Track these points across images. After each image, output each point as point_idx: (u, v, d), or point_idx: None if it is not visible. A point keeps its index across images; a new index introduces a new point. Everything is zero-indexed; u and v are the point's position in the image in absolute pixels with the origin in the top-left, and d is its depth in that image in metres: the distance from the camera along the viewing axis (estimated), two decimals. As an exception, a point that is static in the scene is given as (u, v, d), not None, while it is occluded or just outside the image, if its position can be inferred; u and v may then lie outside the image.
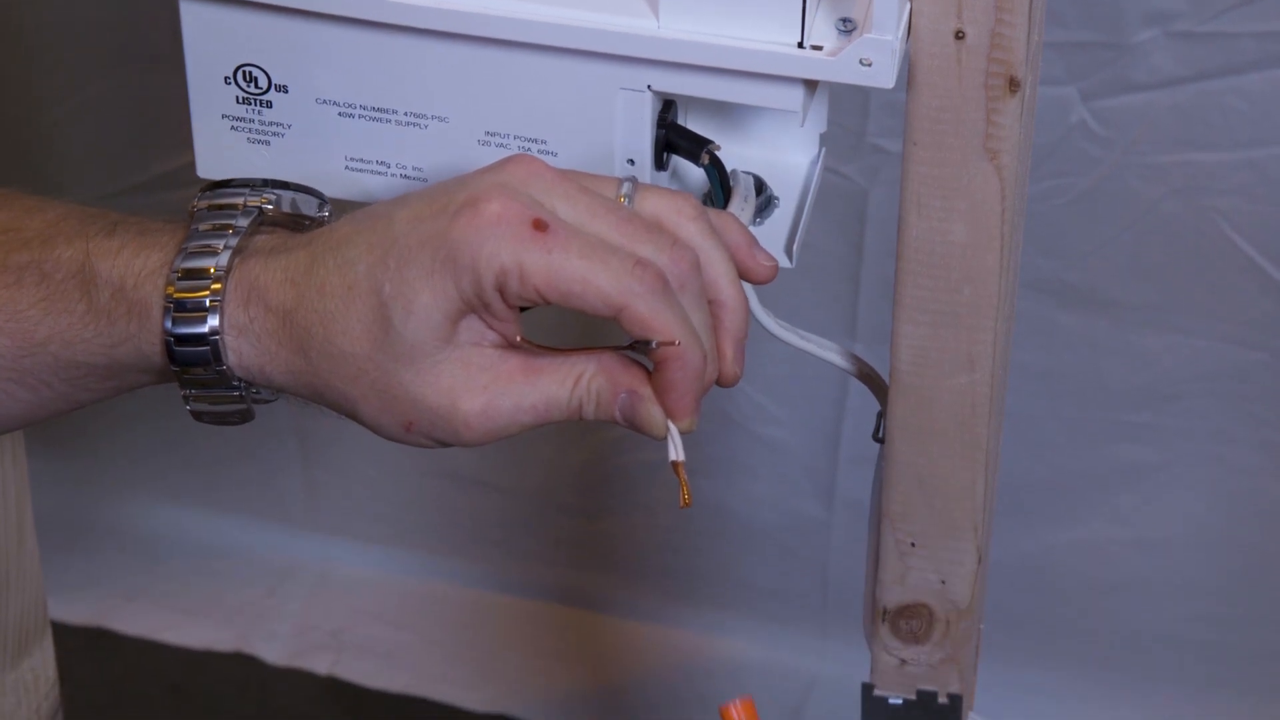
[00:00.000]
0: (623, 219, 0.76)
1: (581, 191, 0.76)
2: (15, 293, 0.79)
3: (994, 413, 0.86)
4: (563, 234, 0.74)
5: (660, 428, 0.76)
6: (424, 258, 0.74)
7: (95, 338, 0.79)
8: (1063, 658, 1.71)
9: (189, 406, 0.80)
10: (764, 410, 1.66)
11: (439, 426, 0.76)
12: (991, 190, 0.80)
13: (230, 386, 0.79)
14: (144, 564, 1.88)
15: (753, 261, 0.80)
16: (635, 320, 0.74)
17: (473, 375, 0.76)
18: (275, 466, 1.85)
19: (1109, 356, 1.57)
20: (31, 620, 1.14)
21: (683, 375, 0.75)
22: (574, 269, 0.74)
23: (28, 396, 0.81)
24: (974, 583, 0.90)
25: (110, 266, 0.79)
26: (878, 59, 0.77)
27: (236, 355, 0.78)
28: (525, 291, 0.74)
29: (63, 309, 0.79)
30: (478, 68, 0.82)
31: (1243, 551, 1.63)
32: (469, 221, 0.74)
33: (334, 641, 1.82)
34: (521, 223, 0.74)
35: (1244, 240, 1.49)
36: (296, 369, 0.77)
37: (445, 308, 0.74)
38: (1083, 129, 1.46)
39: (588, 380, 0.76)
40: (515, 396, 0.76)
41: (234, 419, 0.81)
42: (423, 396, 0.76)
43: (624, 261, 0.74)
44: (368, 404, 0.77)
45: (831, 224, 1.55)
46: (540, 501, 1.80)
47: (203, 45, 0.84)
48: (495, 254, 0.73)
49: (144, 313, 0.78)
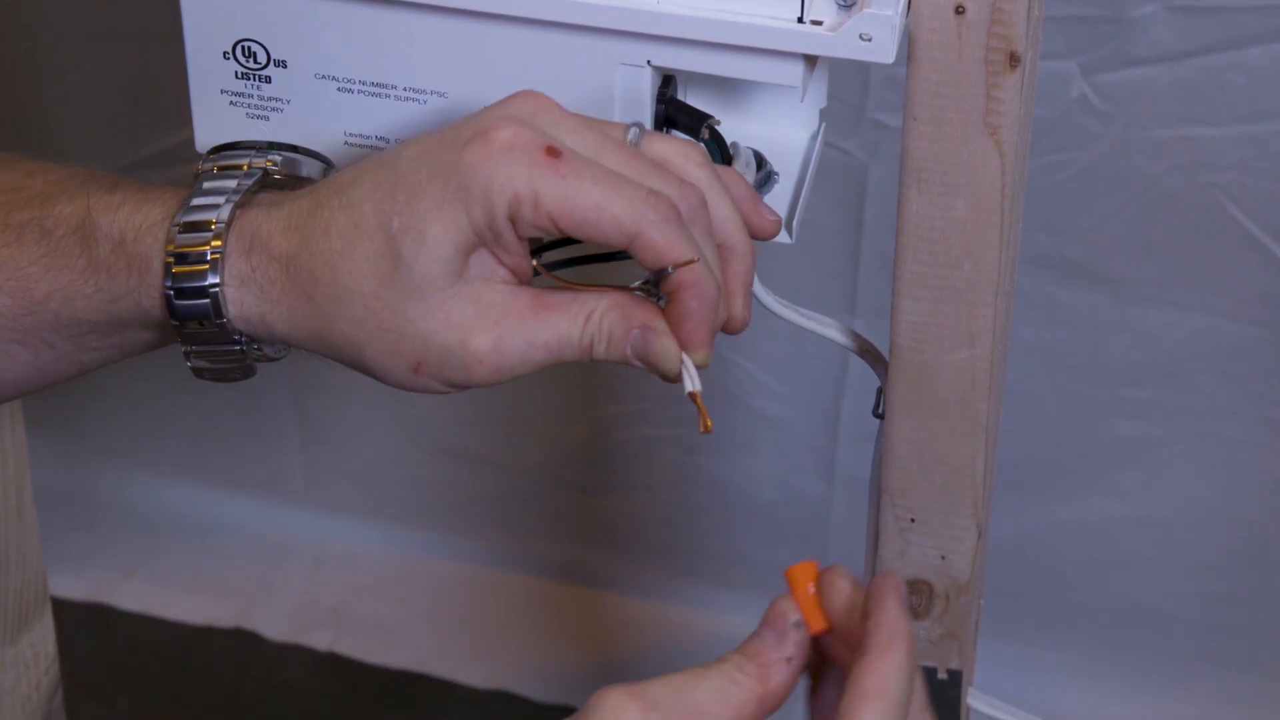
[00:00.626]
0: (631, 155, 0.75)
1: (589, 126, 0.76)
2: (15, 250, 0.79)
3: (994, 389, 0.86)
4: (576, 161, 0.73)
5: (674, 361, 0.75)
6: (434, 189, 0.73)
7: (95, 293, 0.78)
8: (1062, 634, 1.71)
9: (189, 363, 0.80)
10: (764, 387, 1.66)
11: (449, 365, 0.75)
12: (992, 166, 0.80)
13: (231, 340, 0.78)
14: (144, 540, 1.88)
15: (757, 216, 0.80)
16: (649, 246, 0.73)
17: (483, 311, 0.75)
18: (275, 443, 1.85)
19: (1109, 332, 1.57)
20: (31, 596, 1.14)
21: (699, 303, 0.74)
22: (589, 195, 0.73)
23: (30, 358, 0.81)
24: (974, 559, 0.90)
25: (110, 221, 0.78)
26: (878, 34, 0.77)
27: (238, 306, 0.77)
28: (539, 219, 0.73)
29: (63, 265, 0.78)
30: (477, 43, 0.81)
31: (1243, 528, 1.63)
32: (480, 150, 0.73)
33: (333, 618, 1.82)
34: (535, 149, 0.73)
35: (1245, 215, 1.48)
36: (300, 315, 0.76)
37: (457, 240, 0.73)
38: (1083, 104, 1.46)
39: (600, 316, 0.75)
40: (527, 333, 0.75)
41: (234, 375, 0.80)
42: (433, 333, 0.75)
43: (637, 189, 0.73)
44: (375, 346, 0.76)
45: (831, 199, 1.55)
46: (539, 477, 1.80)
47: (202, 20, 0.84)
48: (509, 180, 0.73)
49: (144, 266, 0.78)
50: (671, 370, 0.75)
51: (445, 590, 1.85)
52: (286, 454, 1.85)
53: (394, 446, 1.82)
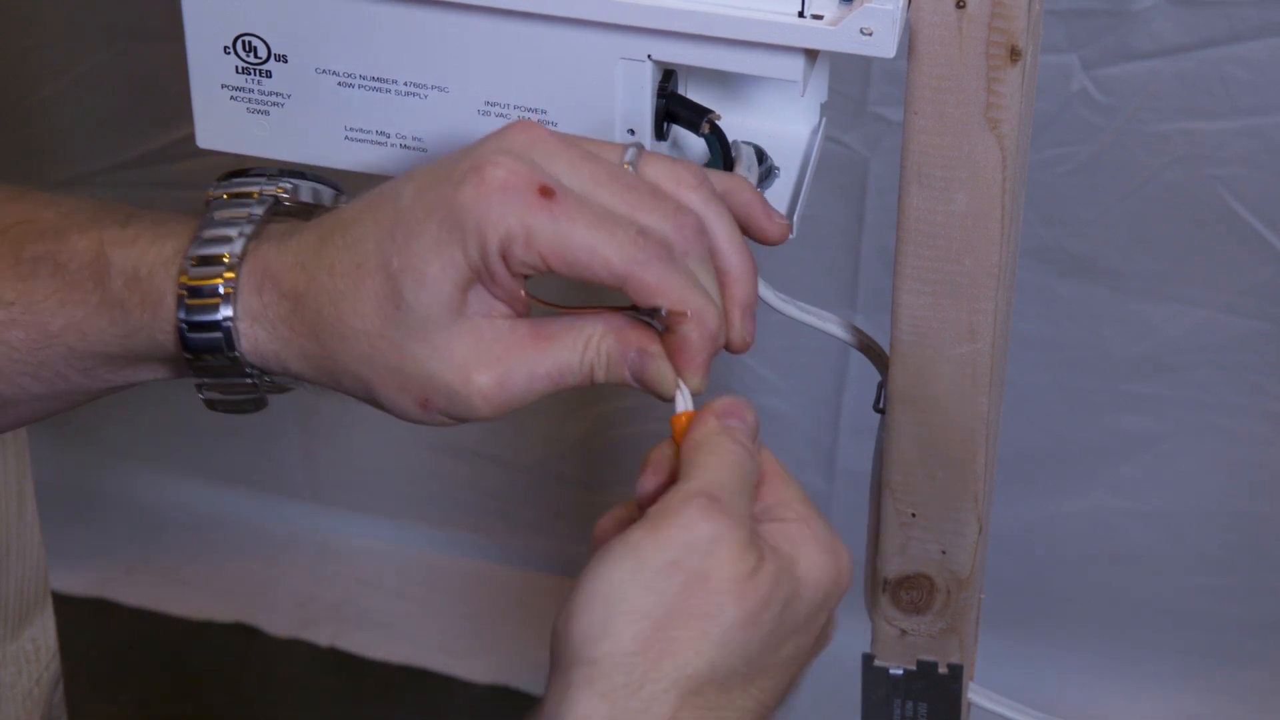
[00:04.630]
0: (626, 186, 0.75)
1: (585, 159, 0.75)
2: (31, 284, 0.79)
3: (995, 383, 0.86)
4: (569, 202, 0.73)
5: (669, 384, 0.76)
6: (431, 227, 0.74)
7: (109, 327, 0.79)
8: (1063, 628, 1.71)
9: (201, 395, 0.80)
10: (764, 381, 1.66)
11: (455, 402, 0.76)
12: (992, 160, 0.80)
13: (244, 374, 0.78)
14: (145, 535, 1.88)
15: (767, 221, 0.80)
16: (642, 288, 0.74)
17: (485, 347, 0.75)
18: (276, 439, 1.85)
19: (1110, 326, 1.57)
20: (32, 591, 1.14)
21: (698, 335, 0.75)
22: (580, 238, 0.73)
23: (42, 390, 0.81)
24: (974, 553, 0.90)
25: (124, 256, 0.78)
26: (878, 28, 0.77)
27: (251, 342, 0.77)
28: (530, 257, 0.73)
29: (77, 300, 0.79)
30: (477, 37, 0.81)
31: (1244, 521, 1.63)
32: (475, 188, 0.73)
33: (335, 613, 1.83)
34: (528, 189, 0.73)
35: (1246, 209, 1.48)
36: (311, 354, 0.77)
37: (455, 277, 0.74)
38: (1084, 97, 1.46)
39: (597, 342, 0.76)
40: (529, 366, 0.75)
41: (248, 407, 0.81)
42: (437, 372, 0.75)
43: (628, 230, 0.74)
44: (384, 385, 0.76)
45: (832, 194, 1.55)
46: (540, 473, 1.80)
47: (202, 15, 0.84)
48: (501, 219, 0.73)
49: (157, 301, 0.78)
50: (667, 394, 0.76)
51: (446, 585, 1.85)
52: (287, 449, 1.85)
53: (395, 442, 1.82)
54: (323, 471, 1.86)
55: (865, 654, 0.95)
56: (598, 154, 0.76)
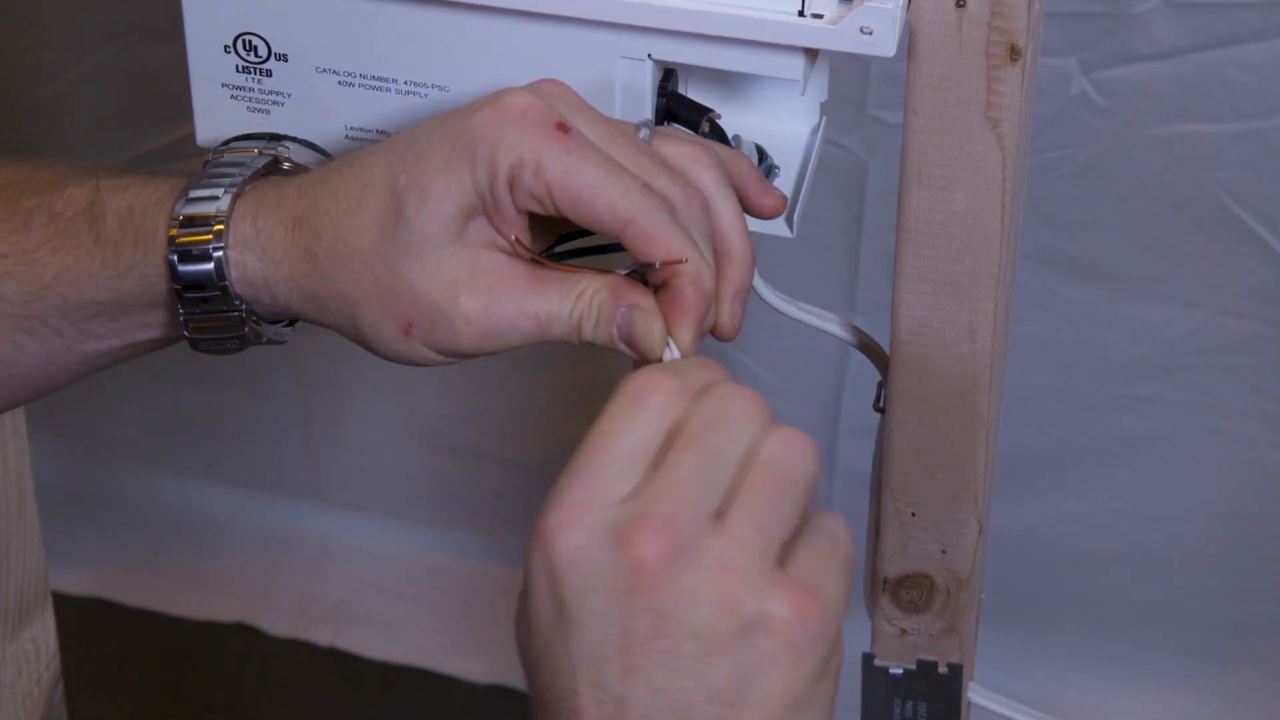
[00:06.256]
0: (639, 151, 0.76)
1: (605, 120, 0.76)
2: (23, 236, 0.80)
3: (995, 383, 0.86)
4: (583, 141, 0.74)
5: (657, 341, 0.75)
6: (443, 147, 0.74)
7: (102, 269, 0.79)
8: (1062, 628, 1.71)
9: (186, 333, 0.80)
10: (764, 382, 1.66)
11: (438, 325, 0.75)
12: (992, 160, 0.80)
13: (232, 306, 0.79)
14: (145, 535, 1.88)
15: (762, 193, 0.80)
16: (641, 235, 0.74)
17: (477, 274, 0.75)
18: (277, 438, 1.85)
19: (1110, 328, 1.57)
20: (32, 591, 1.14)
21: (692, 290, 0.74)
22: (588, 174, 0.73)
23: (37, 348, 0.81)
24: (974, 553, 0.90)
25: (120, 199, 0.80)
26: (878, 27, 0.77)
27: (240, 269, 0.78)
28: (536, 188, 0.73)
29: (71, 244, 0.79)
30: (478, 36, 0.82)
31: (1243, 523, 1.63)
32: (492, 114, 0.74)
33: (335, 613, 1.83)
34: (546, 121, 0.74)
35: (1245, 211, 1.49)
36: (301, 274, 0.77)
37: (458, 199, 0.74)
38: (1083, 100, 1.46)
39: (591, 295, 0.75)
40: (518, 301, 0.75)
41: (232, 345, 0.81)
42: (425, 290, 0.75)
43: (635, 180, 0.74)
44: (369, 306, 0.76)
45: (831, 195, 1.55)
46: (541, 473, 1.80)
47: (203, 14, 0.84)
48: (515, 145, 0.73)
49: (150, 237, 0.79)
50: (654, 349, 0.75)
51: (447, 585, 1.85)
52: (288, 449, 1.85)
53: (395, 441, 1.82)
54: (323, 472, 1.86)
55: (865, 653, 0.95)
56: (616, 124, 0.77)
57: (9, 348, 0.81)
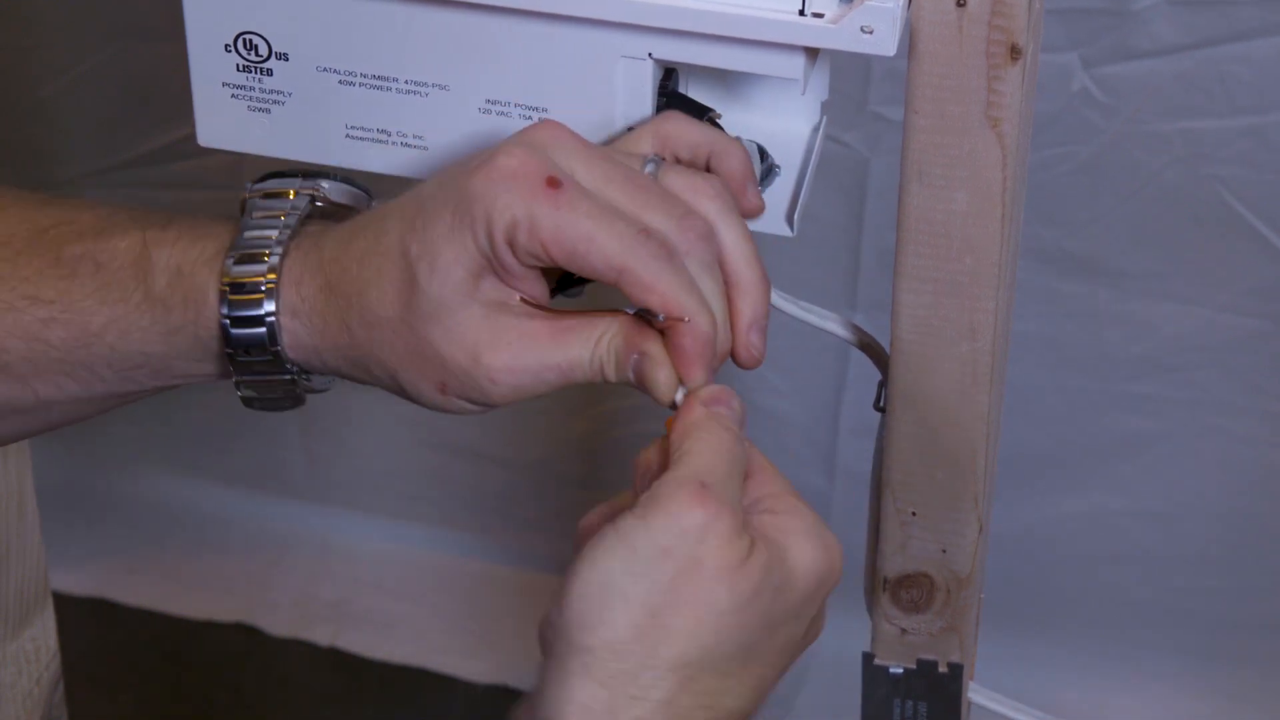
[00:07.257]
0: (636, 186, 0.76)
1: (602, 158, 0.77)
2: (70, 284, 0.80)
3: (995, 382, 0.86)
4: (574, 193, 0.75)
5: (665, 391, 0.76)
6: (445, 215, 0.75)
7: (152, 325, 0.80)
8: (1064, 627, 1.71)
9: (240, 393, 0.81)
10: (764, 381, 1.66)
11: (468, 384, 0.77)
12: (993, 158, 0.80)
13: (283, 370, 0.80)
14: (145, 535, 1.88)
15: (745, 196, 0.81)
16: (636, 283, 0.74)
17: (498, 333, 0.76)
18: (277, 439, 1.85)
19: (1110, 326, 1.57)
20: (32, 590, 1.14)
21: (692, 342, 0.75)
22: (580, 227, 0.74)
23: (76, 390, 0.82)
24: (975, 552, 0.90)
25: (167, 255, 0.80)
26: (879, 26, 0.77)
27: (291, 336, 0.79)
28: (532, 245, 0.74)
29: (119, 297, 0.80)
30: (478, 35, 0.81)
31: (1243, 522, 1.63)
32: (485, 175, 0.75)
33: (335, 613, 1.83)
34: (536, 178, 0.74)
35: (1246, 208, 1.48)
36: (343, 345, 0.78)
37: (466, 263, 0.75)
38: (1085, 97, 1.46)
39: (608, 341, 0.76)
40: (539, 355, 0.76)
41: (284, 404, 0.82)
42: (449, 354, 0.76)
43: (630, 225, 0.75)
44: (406, 371, 0.78)
45: (832, 193, 1.55)
46: (540, 473, 1.80)
47: (203, 13, 0.84)
48: (507, 207, 0.74)
49: (201, 298, 0.79)
50: (664, 396, 0.76)
51: (447, 585, 1.85)
52: (288, 449, 1.85)
53: (395, 441, 1.82)
54: (324, 471, 1.86)
55: (865, 653, 0.95)
56: (617, 159, 0.77)
57: (51, 389, 0.82)
